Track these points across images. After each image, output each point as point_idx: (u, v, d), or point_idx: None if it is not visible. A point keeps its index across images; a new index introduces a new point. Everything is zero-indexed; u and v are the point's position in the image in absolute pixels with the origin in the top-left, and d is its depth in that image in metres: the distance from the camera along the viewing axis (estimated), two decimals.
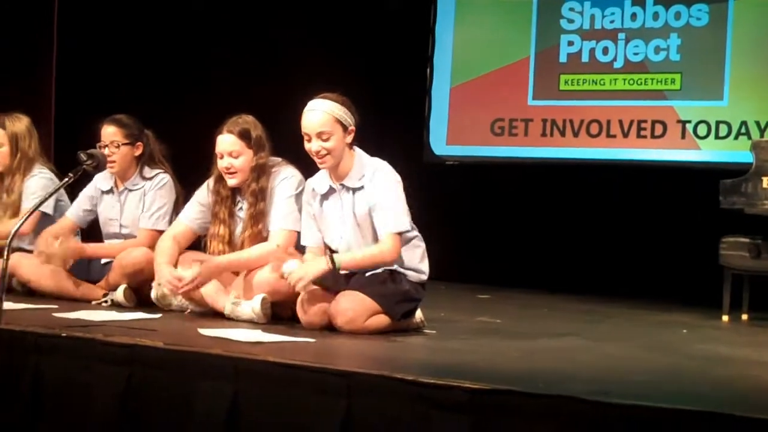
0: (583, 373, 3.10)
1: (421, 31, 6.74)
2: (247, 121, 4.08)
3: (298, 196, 4.01)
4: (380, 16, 6.69)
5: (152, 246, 4.27)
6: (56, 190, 3.86)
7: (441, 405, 2.66)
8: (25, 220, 3.44)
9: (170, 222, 4.38)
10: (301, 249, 3.97)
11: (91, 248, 4.42)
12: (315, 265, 3.68)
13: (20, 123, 4.71)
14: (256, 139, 4.04)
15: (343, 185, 3.79)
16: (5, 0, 6.64)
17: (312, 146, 3.72)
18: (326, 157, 3.72)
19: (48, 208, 4.57)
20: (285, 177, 4.04)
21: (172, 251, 4.04)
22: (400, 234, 3.72)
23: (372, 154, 3.86)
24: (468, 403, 2.62)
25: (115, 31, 7.03)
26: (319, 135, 3.70)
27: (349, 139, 3.76)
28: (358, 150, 3.82)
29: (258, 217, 4.01)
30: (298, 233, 3.98)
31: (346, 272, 3.86)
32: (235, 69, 6.83)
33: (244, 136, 4.02)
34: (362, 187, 3.76)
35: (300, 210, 3.97)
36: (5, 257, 3.12)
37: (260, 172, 4.03)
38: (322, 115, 3.71)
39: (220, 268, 3.98)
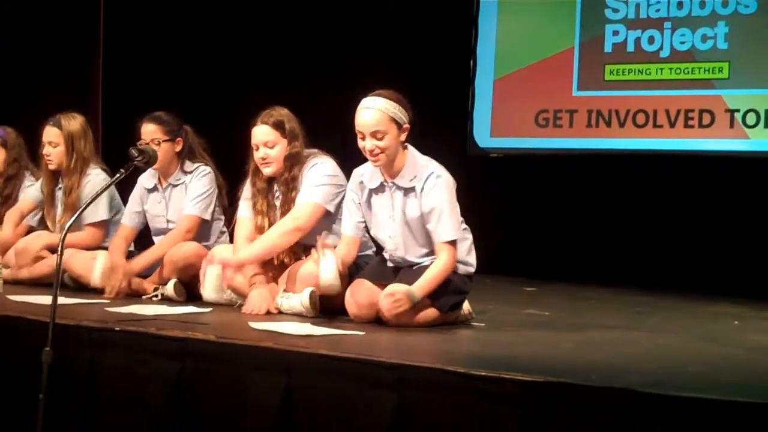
0: (637, 365, 3.07)
1: (463, 23, 6.71)
2: (281, 113, 4.10)
3: (332, 178, 4.02)
4: (423, 8, 6.67)
5: (194, 231, 4.30)
6: (107, 187, 3.89)
7: (492, 397, 2.66)
8: (77, 216, 3.48)
9: (213, 211, 4.41)
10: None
11: (138, 263, 4.40)
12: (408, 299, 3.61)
13: (76, 122, 4.74)
14: (290, 129, 4.06)
15: (394, 183, 3.78)
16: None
17: (366, 145, 3.70)
18: (380, 156, 3.69)
19: (103, 214, 4.59)
20: (316, 163, 4.05)
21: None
22: (455, 241, 3.70)
23: (415, 147, 3.84)
24: (520, 396, 2.62)
25: (158, 31, 7.10)
26: (374, 134, 3.67)
27: (403, 137, 3.73)
28: (410, 148, 3.79)
29: (290, 205, 4.04)
30: (323, 208, 3.97)
31: (393, 265, 3.88)
32: (275, 66, 6.85)
33: (279, 126, 4.05)
34: (414, 188, 3.74)
35: (331, 189, 3.98)
36: (58, 254, 3.15)
37: (294, 161, 4.05)
38: (376, 114, 3.68)
39: (241, 264, 3.97)
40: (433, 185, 3.70)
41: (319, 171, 4.03)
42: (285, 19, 7.00)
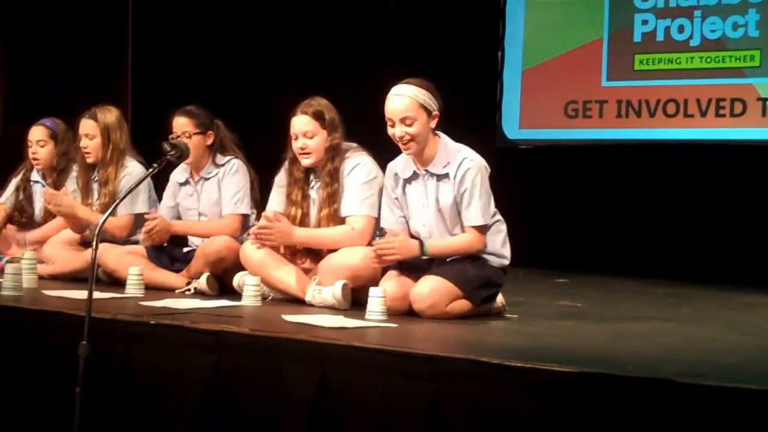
0: (672, 356, 3.06)
1: (492, 14, 6.69)
2: (321, 103, 4.11)
3: (373, 182, 4.02)
4: (451, 0, 6.65)
5: (237, 229, 4.34)
6: (141, 181, 3.92)
7: (528, 388, 2.65)
8: (112, 210, 3.49)
9: (249, 205, 4.44)
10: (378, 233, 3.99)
11: (178, 225, 4.48)
12: (408, 246, 3.69)
13: (111, 114, 4.79)
14: (330, 120, 4.07)
15: (427, 171, 3.78)
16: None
17: (396, 131, 3.71)
18: (410, 143, 3.70)
19: (141, 206, 4.63)
20: (357, 164, 4.05)
21: None
22: (485, 227, 3.70)
23: None
24: (556, 387, 2.61)
25: (185, 25, 7.13)
26: (403, 120, 3.69)
27: (433, 124, 3.74)
28: (442, 135, 3.80)
29: (333, 197, 4.04)
30: (375, 219, 3.99)
31: (427, 257, 3.87)
32: (304, 58, 6.86)
33: (318, 116, 4.05)
34: (447, 175, 3.74)
35: (375, 195, 3.98)
36: (93, 248, 3.18)
37: (334, 153, 4.06)
38: (406, 100, 3.70)
39: (296, 240, 4.00)
40: (467, 169, 3.70)
41: (362, 175, 4.02)
42: (314, 11, 7.01)
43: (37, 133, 5.06)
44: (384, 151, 3.96)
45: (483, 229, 3.72)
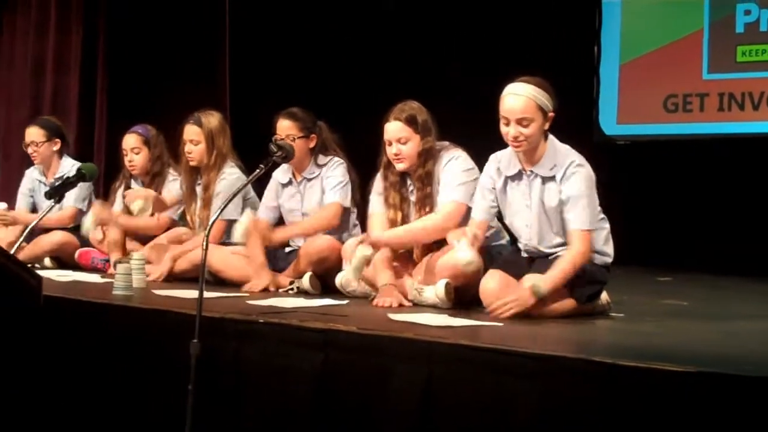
0: None
1: (587, 8, 6.60)
2: (413, 107, 4.11)
3: (469, 173, 4.01)
4: None
5: (336, 216, 4.36)
6: (247, 183, 3.95)
7: (642, 389, 2.60)
8: (218, 216, 3.56)
9: (350, 199, 4.46)
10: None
11: (280, 233, 4.52)
12: (523, 297, 3.53)
13: (214, 119, 4.84)
14: (423, 123, 4.07)
15: (533, 171, 3.74)
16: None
17: (510, 131, 3.65)
18: (523, 143, 3.66)
19: (235, 214, 4.63)
20: (453, 157, 4.05)
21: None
22: (590, 232, 3.64)
23: None
24: (672, 387, 2.55)
25: (281, 28, 7.20)
26: (520, 121, 3.63)
27: (548, 125, 3.69)
28: (551, 137, 3.74)
29: (425, 201, 4.05)
30: (465, 206, 3.97)
31: (528, 256, 3.84)
32: (403, 57, 6.87)
33: (411, 121, 4.05)
34: (553, 177, 3.69)
35: (469, 185, 3.97)
36: (203, 248, 3.24)
37: (427, 156, 4.06)
38: (524, 101, 3.64)
39: (383, 243, 4.00)
40: (573, 173, 3.65)
41: (457, 167, 4.02)
42: (413, 10, 7.01)
43: (130, 140, 5.18)
44: (487, 150, 3.92)
45: (588, 235, 3.63)
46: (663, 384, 2.57)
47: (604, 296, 3.84)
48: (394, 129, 4.06)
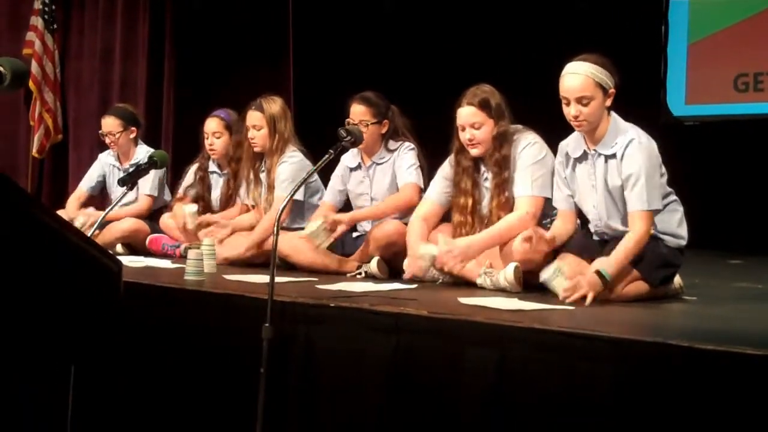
0: None
1: None
2: (485, 90, 4.07)
3: (542, 162, 3.97)
4: None
5: (415, 196, 4.35)
6: (317, 168, 3.92)
7: (721, 373, 2.56)
8: (286, 204, 3.57)
9: (424, 177, 4.45)
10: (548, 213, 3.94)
11: (353, 215, 4.54)
12: (591, 283, 3.45)
13: (276, 105, 4.89)
14: (496, 107, 4.03)
15: (596, 151, 3.70)
16: None
17: (570, 110, 3.63)
18: (584, 122, 3.63)
19: (298, 194, 4.67)
20: (527, 143, 4.01)
21: (422, 231, 4.12)
22: (651, 212, 3.57)
23: None
24: (751, 371, 2.51)
25: (346, 12, 7.21)
26: (579, 100, 3.60)
27: (609, 102, 3.65)
28: (614, 114, 3.70)
29: (503, 185, 4.01)
30: (545, 199, 3.94)
31: (599, 239, 3.80)
32: (468, 38, 6.82)
33: (484, 106, 4.02)
34: (615, 155, 3.64)
35: (545, 175, 3.94)
36: (275, 234, 3.27)
37: (502, 140, 4.02)
38: (582, 79, 3.61)
39: (476, 249, 3.93)
40: (632, 150, 3.59)
41: (532, 156, 3.98)
42: None
43: (212, 124, 5.24)
44: (557, 132, 3.88)
45: (649, 215, 3.56)
46: (742, 368, 2.52)
47: (677, 280, 3.78)
48: (467, 114, 4.03)
